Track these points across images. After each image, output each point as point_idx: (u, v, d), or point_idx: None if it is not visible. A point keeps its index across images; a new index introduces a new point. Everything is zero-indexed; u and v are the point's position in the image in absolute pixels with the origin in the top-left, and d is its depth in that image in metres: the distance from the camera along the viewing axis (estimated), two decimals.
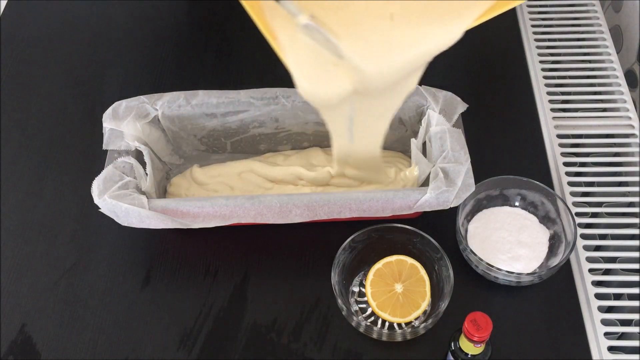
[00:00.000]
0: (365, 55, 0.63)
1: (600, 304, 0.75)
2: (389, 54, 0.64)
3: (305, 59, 0.65)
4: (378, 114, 0.72)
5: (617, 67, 0.97)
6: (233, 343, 0.73)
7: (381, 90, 0.68)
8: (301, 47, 0.65)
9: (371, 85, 0.66)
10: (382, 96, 0.70)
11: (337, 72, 0.66)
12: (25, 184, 0.87)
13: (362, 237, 0.75)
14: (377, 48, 0.64)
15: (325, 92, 0.67)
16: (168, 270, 0.79)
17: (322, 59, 0.65)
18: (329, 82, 0.67)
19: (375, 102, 0.71)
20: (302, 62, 0.66)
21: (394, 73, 0.65)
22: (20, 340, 0.74)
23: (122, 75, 1.00)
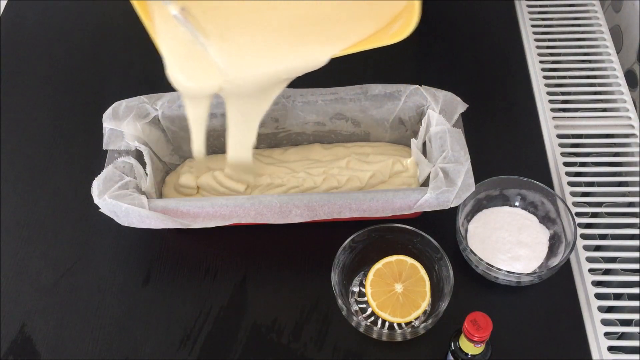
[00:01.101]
0: (230, 59, 0.64)
1: (600, 304, 0.75)
2: (253, 64, 0.65)
3: (178, 46, 0.66)
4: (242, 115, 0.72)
5: (617, 67, 0.97)
6: (233, 343, 0.73)
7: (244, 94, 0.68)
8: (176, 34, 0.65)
9: (233, 87, 0.67)
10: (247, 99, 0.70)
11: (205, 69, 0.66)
12: (25, 184, 0.87)
13: (362, 237, 0.75)
14: (243, 55, 0.64)
15: (194, 83, 0.68)
16: (168, 270, 0.79)
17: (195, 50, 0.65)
18: (199, 75, 0.67)
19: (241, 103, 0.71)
20: (175, 49, 0.66)
21: (256, 82, 0.66)
22: (20, 340, 0.74)
23: (122, 75, 1.00)
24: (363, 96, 0.83)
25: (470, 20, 1.06)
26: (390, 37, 0.62)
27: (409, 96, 0.82)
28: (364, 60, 0.68)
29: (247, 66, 0.65)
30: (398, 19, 0.63)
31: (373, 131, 0.87)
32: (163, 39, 0.66)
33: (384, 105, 0.83)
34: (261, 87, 0.68)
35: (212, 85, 0.68)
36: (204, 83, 0.69)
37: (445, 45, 1.03)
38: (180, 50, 0.66)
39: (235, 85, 0.67)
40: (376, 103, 0.83)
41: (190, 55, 0.66)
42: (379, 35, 0.63)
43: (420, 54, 1.01)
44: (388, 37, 0.62)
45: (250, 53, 0.65)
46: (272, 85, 0.69)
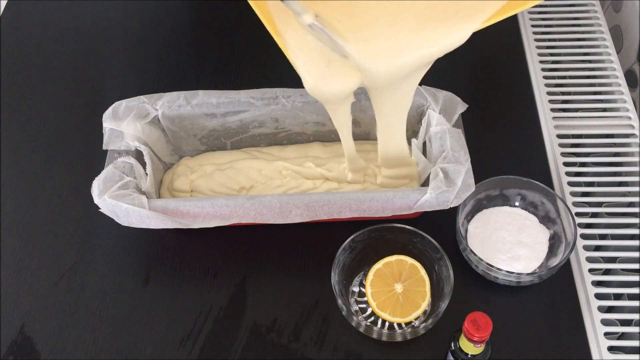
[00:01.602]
0: (371, 57, 0.64)
1: (600, 304, 0.75)
2: (395, 56, 0.64)
3: (311, 56, 0.65)
4: (392, 106, 0.72)
5: (617, 67, 0.97)
6: (233, 343, 0.73)
7: (388, 87, 0.68)
8: (307, 45, 0.65)
9: (377, 83, 0.66)
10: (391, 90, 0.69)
11: (343, 69, 0.66)
12: (26, 184, 0.87)
13: (362, 237, 0.75)
14: (384, 51, 0.64)
15: (331, 88, 0.68)
16: (168, 270, 0.79)
17: (328, 56, 0.65)
18: (335, 79, 0.67)
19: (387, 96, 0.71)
20: (308, 59, 0.66)
21: (400, 73, 0.66)
22: (20, 340, 0.74)
23: (122, 75, 1.00)
24: (363, 96, 0.83)
25: None
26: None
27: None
28: None
29: (389, 61, 0.64)
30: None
31: (373, 131, 0.87)
32: (294, 50, 0.66)
33: None
34: (406, 75, 0.67)
35: (353, 83, 0.68)
36: (344, 85, 0.68)
37: None
38: (313, 59, 0.66)
39: (378, 79, 0.66)
40: None
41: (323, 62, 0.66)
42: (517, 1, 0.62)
43: None
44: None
45: (391, 47, 0.63)
46: (418, 69, 0.68)
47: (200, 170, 0.84)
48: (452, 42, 0.64)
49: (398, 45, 0.64)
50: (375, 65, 0.64)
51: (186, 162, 0.86)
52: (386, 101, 0.71)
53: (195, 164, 0.85)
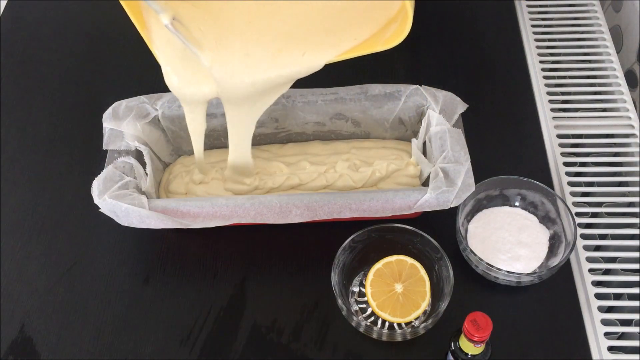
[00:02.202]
0: (223, 70, 0.64)
1: (600, 304, 0.75)
2: (247, 74, 0.65)
3: (173, 53, 0.66)
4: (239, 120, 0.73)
5: (617, 67, 0.97)
6: (233, 343, 0.73)
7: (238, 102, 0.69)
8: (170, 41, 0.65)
9: (227, 96, 0.67)
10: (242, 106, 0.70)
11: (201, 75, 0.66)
12: (25, 184, 0.87)
13: (362, 237, 0.75)
14: (236, 66, 0.64)
15: (189, 89, 0.68)
16: (168, 270, 0.79)
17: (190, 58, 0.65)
18: (192, 82, 0.68)
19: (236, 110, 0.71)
20: (170, 56, 0.66)
21: (250, 90, 0.66)
22: (20, 340, 0.74)
23: (122, 75, 1.00)
24: (363, 96, 0.83)
25: (470, 20, 1.06)
26: (384, 43, 0.62)
27: (409, 96, 0.82)
28: (364, 60, 0.68)
29: (240, 75, 0.65)
30: (391, 25, 0.63)
31: (373, 131, 0.87)
32: (158, 46, 0.66)
33: (384, 105, 0.83)
34: (256, 93, 0.68)
35: (208, 91, 0.69)
36: (199, 89, 0.69)
37: (445, 45, 1.02)
38: (175, 57, 0.67)
39: (229, 92, 0.67)
40: (376, 103, 0.83)
41: (186, 62, 0.67)
42: (373, 42, 0.64)
43: (420, 54, 1.01)
44: (382, 43, 0.62)
45: (244, 63, 0.65)
46: (268, 90, 0.69)
47: (195, 171, 0.84)
48: (305, 69, 0.65)
49: (252, 64, 0.65)
50: (226, 79, 0.65)
51: (182, 160, 0.86)
52: (236, 114, 0.72)
53: (191, 162, 0.85)
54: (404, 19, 0.58)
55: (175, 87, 0.69)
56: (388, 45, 0.61)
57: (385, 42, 0.62)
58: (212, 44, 0.64)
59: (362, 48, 0.64)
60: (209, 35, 0.64)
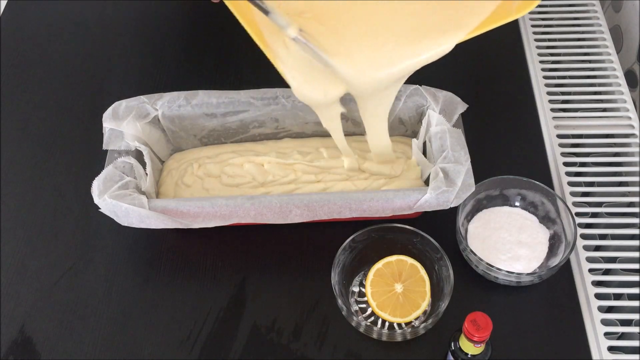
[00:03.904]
0: (354, 70, 0.64)
1: (600, 304, 0.75)
2: (377, 70, 0.65)
3: (297, 66, 0.66)
4: (374, 111, 0.73)
5: (617, 67, 0.97)
6: (233, 343, 0.73)
7: (371, 95, 0.69)
8: (294, 54, 0.65)
9: (359, 92, 0.67)
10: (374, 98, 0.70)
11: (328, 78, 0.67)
12: (25, 184, 0.87)
13: (362, 237, 0.75)
14: (366, 64, 0.65)
15: (318, 95, 0.68)
16: (168, 270, 0.79)
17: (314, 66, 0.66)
18: (322, 87, 0.68)
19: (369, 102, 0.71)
20: (295, 69, 0.66)
21: (382, 84, 0.67)
22: (20, 340, 0.74)
23: (122, 75, 1.00)
24: None
25: None
26: (517, 10, 0.60)
27: (409, 96, 0.82)
28: None
29: (371, 73, 0.66)
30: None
31: None
32: (282, 60, 0.67)
33: None
34: (389, 84, 0.68)
35: (338, 92, 0.69)
36: (330, 93, 0.69)
37: None
38: (302, 68, 0.67)
39: (361, 89, 0.67)
40: None
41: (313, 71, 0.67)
42: (503, 12, 0.62)
43: None
44: (514, 11, 0.60)
45: (374, 61, 0.65)
46: (399, 79, 0.69)
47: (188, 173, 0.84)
48: (434, 54, 0.65)
49: (380, 59, 0.65)
50: (358, 77, 0.65)
51: (176, 156, 0.86)
52: (369, 106, 0.72)
53: (184, 158, 0.85)
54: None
55: (308, 97, 0.70)
56: (521, 12, 0.59)
57: (517, 9, 0.60)
58: (339, 48, 0.64)
59: (493, 20, 0.62)
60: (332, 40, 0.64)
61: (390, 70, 0.65)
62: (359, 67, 0.65)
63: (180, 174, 0.83)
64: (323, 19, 0.65)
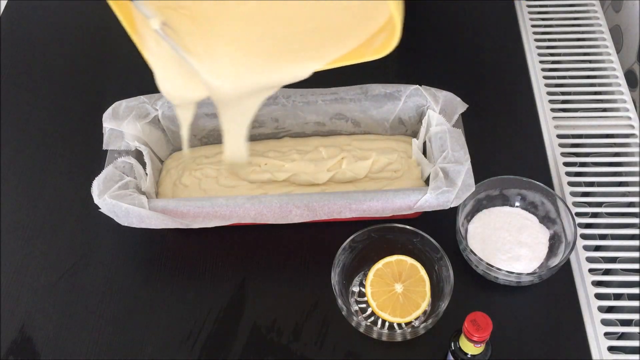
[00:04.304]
0: (214, 74, 0.64)
1: (600, 304, 0.75)
2: (237, 77, 0.65)
3: (165, 59, 0.66)
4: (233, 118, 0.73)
5: (617, 67, 0.97)
6: (233, 343, 0.73)
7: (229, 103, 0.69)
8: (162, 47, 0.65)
9: (218, 98, 0.67)
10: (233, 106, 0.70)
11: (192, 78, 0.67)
12: (25, 184, 0.87)
13: (362, 237, 0.75)
14: (228, 71, 0.65)
15: (181, 94, 0.69)
16: (168, 270, 0.79)
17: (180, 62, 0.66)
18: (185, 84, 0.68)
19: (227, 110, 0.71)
20: (162, 62, 0.67)
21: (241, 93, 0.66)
22: (20, 340, 0.74)
23: (122, 75, 1.00)
24: (363, 96, 0.83)
25: (470, 20, 1.06)
26: (374, 51, 0.61)
27: (409, 96, 0.82)
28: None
29: (229, 80, 0.66)
30: (380, 34, 0.62)
31: (373, 131, 0.87)
32: (149, 50, 0.67)
33: (384, 105, 0.83)
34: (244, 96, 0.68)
35: (199, 93, 0.69)
36: (190, 92, 0.70)
37: (445, 45, 1.02)
38: (166, 61, 0.67)
39: (218, 95, 0.68)
40: (376, 103, 0.83)
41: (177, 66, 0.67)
42: (362, 50, 0.63)
43: (420, 54, 1.01)
44: (371, 52, 0.62)
45: (233, 69, 0.65)
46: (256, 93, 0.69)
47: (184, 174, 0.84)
48: (294, 76, 0.65)
49: (243, 69, 0.65)
50: (217, 83, 0.65)
51: (175, 155, 0.86)
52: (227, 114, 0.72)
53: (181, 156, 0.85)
54: (392, 29, 0.58)
55: (167, 91, 0.70)
56: (377, 54, 0.61)
57: (374, 52, 0.61)
58: (201, 50, 0.64)
59: (351, 57, 0.64)
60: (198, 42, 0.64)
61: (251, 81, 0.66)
62: (221, 71, 0.65)
63: (179, 174, 0.83)
64: (197, 19, 0.65)
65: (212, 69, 0.65)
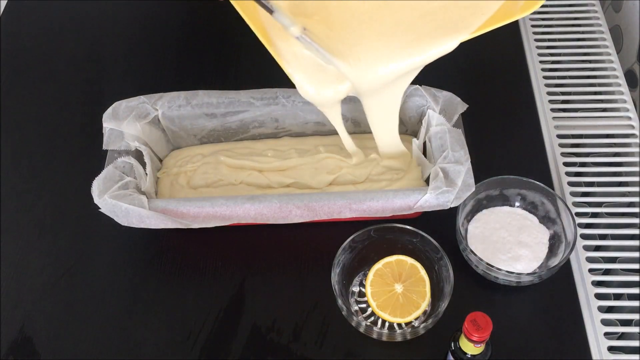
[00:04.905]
0: (358, 68, 0.64)
1: (600, 304, 0.75)
2: (382, 67, 0.65)
3: (302, 64, 0.66)
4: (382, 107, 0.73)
5: (617, 67, 0.97)
6: (233, 343, 0.73)
7: (376, 93, 0.69)
8: (299, 54, 0.66)
9: (365, 91, 0.67)
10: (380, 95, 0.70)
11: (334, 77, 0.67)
12: (26, 184, 0.87)
13: (362, 237, 0.75)
14: (371, 62, 0.65)
15: (322, 95, 0.69)
16: (168, 270, 0.79)
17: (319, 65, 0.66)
18: (326, 86, 0.68)
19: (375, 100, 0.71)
20: (301, 68, 0.67)
21: (386, 81, 0.67)
22: (20, 340, 0.74)
23: (122, 75, 1.00)
24: None
25: None
26: (521, 9, 0.60)
27: (409, 96, 0.82)
28: None
29: (377, 73, 0.66)
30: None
31: None
32: (287, 59, 0.67)
33: None
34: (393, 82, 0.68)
35: (344, 91, 0.70)
36: (335, 92, 0.70)
37: None
38: (306, 67, 0.67)
39: (366, 88, 0.68)
40: None
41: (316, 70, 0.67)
42: (508, 11, 0.62)
43: None
44: (519, 10, 0.60)
45: (378, 59, 0.65)
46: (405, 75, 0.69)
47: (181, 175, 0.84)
48: (438, 52, 0.65)
49: (385, 57, 0.65)
50: (363, 76, 0.65)
51: (173, 154, 0.86)
52: (375, 105, 0.72)
53: (180, 155, 0.85)
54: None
55: (312, 95, 0.71)
56: (525, 11, 0.59)
57: (522, 9, 0.60)
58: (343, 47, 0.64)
59: (497, 19, 0.62)
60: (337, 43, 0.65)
61: (395, 67, 0.65)
62: (363, 64, 0.65)
63: (176, 174, 0.83)
64: (330, 22, 0.65)
65: (356, 63, 0.64)
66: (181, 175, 0.83)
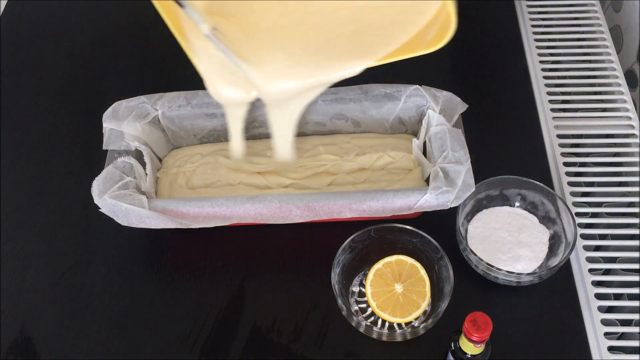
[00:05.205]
0: (264, 77, 0.65)
1: (600, 304, 0.75)
2: (287, 80, 0.65)
3: (212, 63, 0.66)
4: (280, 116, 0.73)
5: (617, 67, 0.97)
6: (233, 343, 0.73)
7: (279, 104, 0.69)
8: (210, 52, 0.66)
9: (268, 100, 0.68)
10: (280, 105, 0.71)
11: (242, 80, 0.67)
12: (25, 184, 0.87)
13: (362, 237, 0.75)
14: (277, 73, 0.65)
15: (229, 95, 0.69)
16: (168, 270, 0.79)
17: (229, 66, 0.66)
18: (233, 88, 0.68)
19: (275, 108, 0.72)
20: (210, 65, 0.67)
21: (290, 94, 0.67)
22: (20, 340, 0.74)
23: (122, 75, 1.00)
24: (363, 96, 0.83)
25: (470, 20, 1.06)
26: (427, 45, 0.60)
27: (409, 96, 0.82)
28: None
29: (281, 83, 0.66)
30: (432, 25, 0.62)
31: (373, 131, 0.87)
32: (198, 56, 0.67)
33: (384, 105, 0.83)
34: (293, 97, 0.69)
35: (250, 95, 0.70)
36: (240, 95, 0.70)
37: (445, 45, 1.02)
38: (216, 66, 0.67)
39: (269, 97, 0.68)
40: (376, 103, 0.83)
41: (226, 70, 0.67)
42: (415, 44, 0.62)
43: None
44: (425, 45, 0.61)
45: (285, 72, 0.65)
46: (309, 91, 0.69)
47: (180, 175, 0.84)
48: (343, 75, 0.65)
49: (292, 71, 0.65)
50: (267, 85, 0.65)
51: (173, 153, 0.86)
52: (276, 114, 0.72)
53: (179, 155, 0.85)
54: (446, 21, 0.57)
55: (218, 94, 0.70)
56: (431, 48, 0.60)
57: (427, 45, 0.60)
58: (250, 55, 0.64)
59: (403, 51, 0.63)
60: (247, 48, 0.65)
61: (300, 81, 0.66)
62: (270, 74, 0.65)
63: (175, 174, 0.83)
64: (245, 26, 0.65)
65: (261, 72, 0.65)
66: (180, 176, 0.83)
